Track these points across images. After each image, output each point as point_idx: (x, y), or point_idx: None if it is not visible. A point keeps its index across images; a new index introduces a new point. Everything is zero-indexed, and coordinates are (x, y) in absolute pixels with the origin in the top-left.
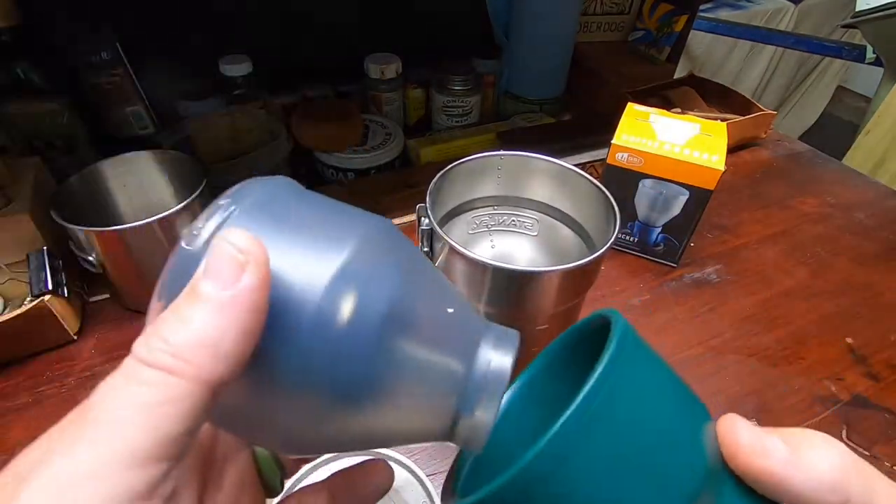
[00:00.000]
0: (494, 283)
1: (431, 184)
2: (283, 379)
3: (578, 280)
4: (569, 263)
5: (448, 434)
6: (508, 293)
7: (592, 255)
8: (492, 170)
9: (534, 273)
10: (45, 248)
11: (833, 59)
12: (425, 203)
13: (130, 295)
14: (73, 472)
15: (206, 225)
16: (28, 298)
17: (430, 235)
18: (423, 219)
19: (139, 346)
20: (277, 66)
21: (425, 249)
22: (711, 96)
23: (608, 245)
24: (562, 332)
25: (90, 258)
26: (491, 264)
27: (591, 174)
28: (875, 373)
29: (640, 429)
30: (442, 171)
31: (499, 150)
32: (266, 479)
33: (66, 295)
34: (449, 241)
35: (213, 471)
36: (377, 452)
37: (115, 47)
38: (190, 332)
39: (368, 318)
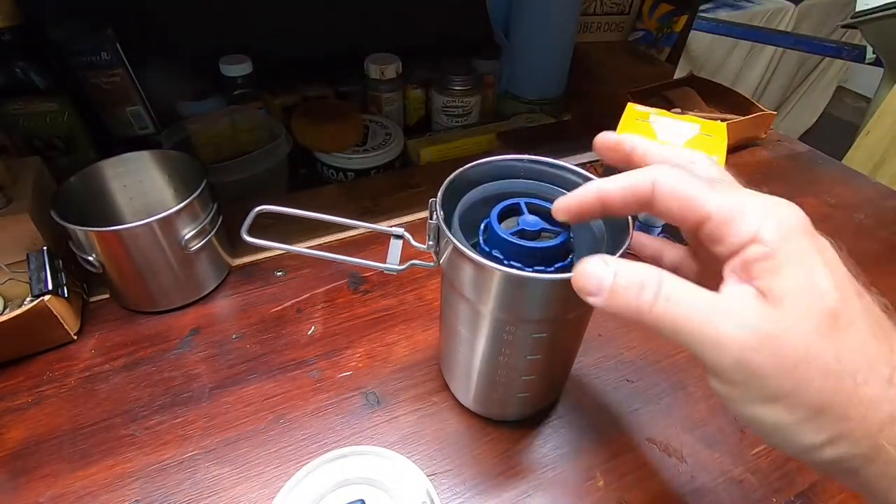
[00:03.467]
0: (501, 287)
1: (447, 181)
2: None
3: None
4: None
5: None
6: (515, 298)
7: None
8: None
9: (541, 280)
10: (45, 248)
11: (833, 59)
12: (437, 198)
13: (130, 295)
14: None
15: None
16: (28, 298)
17: (437, 231)
18: (433, 213)
19: None
20: (277, 66)
21: (430, 243)
22: (711, 96)
23: (622, 251)
24: (568, 339)
25: (90, 258)
26: (498, 269)
27: (591, 174)
28: None
29: None
30: (460, 169)
31: (523, 155)
32: None
33: (66, 295)
34: (454, 241)
35: None
36: (379, 451)
37: (115, 47)
38: None
39: None
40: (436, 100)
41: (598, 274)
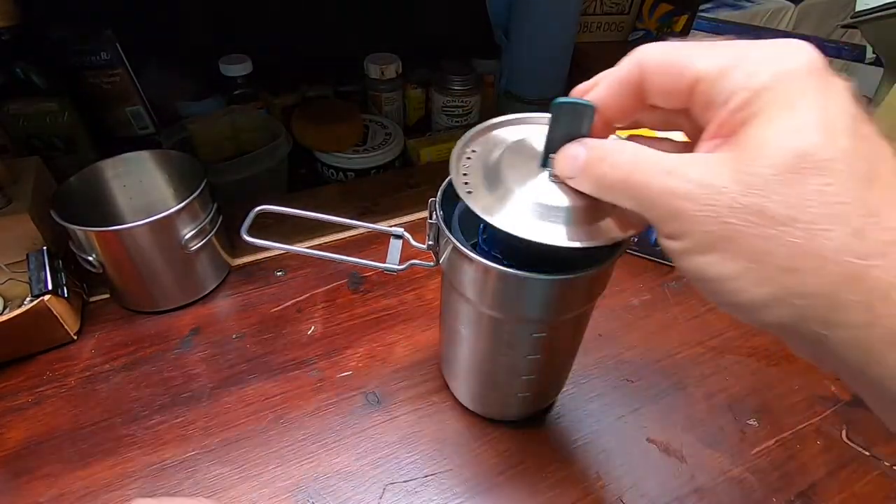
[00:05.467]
0: (500, 286)
1: (447, 180)
2: None
3: (590, 286)
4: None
5: None
6: (514, 298)
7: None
8: None
9: (541, 280)
10: (44, 248)
11: (832, 59)
12: (437, 198)
13: (130, 295)
14: None
15: None
16: (28, 298)
17: (437, 231)
18: (433, 213)
19: None
20: (277, 66)
21: (429, 242)
22: None
23: (621, 250)
24: (567, 339)
25: (90, 258)
26: (498, 269)
27: None
28: None
29: None
30: None
31: None
32: None
33: (65, 295)
34: (454, 241)
35: None
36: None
37: (115, 47)
38: None
39: None
40: (436, 100)
41: (572, 153)
